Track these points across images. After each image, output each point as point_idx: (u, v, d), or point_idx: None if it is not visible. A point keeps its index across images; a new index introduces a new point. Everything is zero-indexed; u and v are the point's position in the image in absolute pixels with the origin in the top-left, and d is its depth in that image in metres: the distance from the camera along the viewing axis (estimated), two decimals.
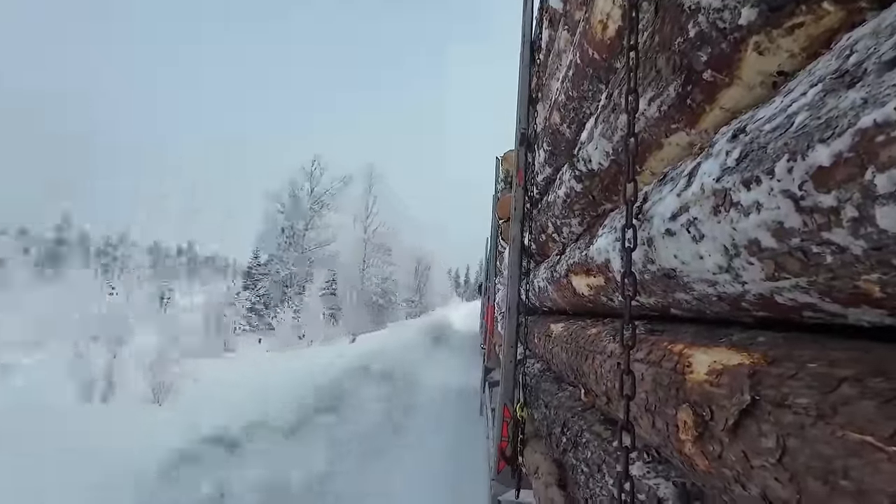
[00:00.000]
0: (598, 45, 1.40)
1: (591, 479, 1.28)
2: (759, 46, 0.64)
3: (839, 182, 0.42)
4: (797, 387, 0.51)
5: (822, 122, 0.45)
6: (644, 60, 0.91)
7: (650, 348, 0.95)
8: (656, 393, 0.85)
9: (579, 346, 1.60)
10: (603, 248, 1.26)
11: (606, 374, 1.26)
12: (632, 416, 0.80)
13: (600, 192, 1.50)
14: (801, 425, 0.49)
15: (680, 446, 0.76)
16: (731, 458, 0.61)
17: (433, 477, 4.24)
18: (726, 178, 0.61)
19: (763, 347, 0.63)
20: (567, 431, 1.64)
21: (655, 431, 0.87)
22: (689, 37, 0.76)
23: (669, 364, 0.83)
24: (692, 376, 0.74)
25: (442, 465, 4.54)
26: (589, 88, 1.59)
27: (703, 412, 0.68)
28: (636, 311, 1.15)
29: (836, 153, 0.42)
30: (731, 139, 0.64)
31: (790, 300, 0.58)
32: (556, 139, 2.13)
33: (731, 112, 0.76)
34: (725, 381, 0.65)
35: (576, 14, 1.83)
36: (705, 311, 0.86)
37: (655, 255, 0.87)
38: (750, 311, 0.71)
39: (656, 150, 1.01)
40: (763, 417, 0.55)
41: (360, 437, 5.40)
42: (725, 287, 0.70)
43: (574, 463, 1.48)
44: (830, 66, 0.48)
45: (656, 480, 0.95)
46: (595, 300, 1.56)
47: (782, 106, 0.55)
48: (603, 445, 1.29)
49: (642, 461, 1.03)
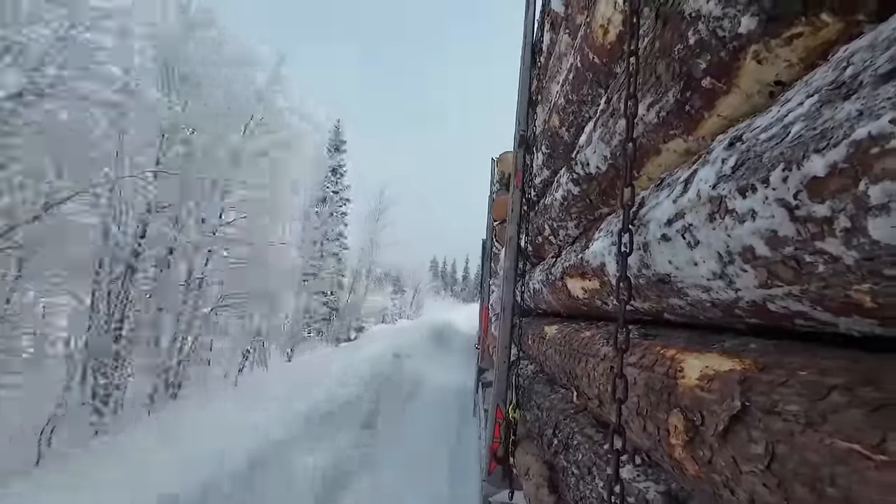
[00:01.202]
0: (598, 49, 1.41)
1: (582, 482, 1.29)
2: (757, 55, 0.65)
3: (833, 192, 0.42)
4: (787, 394, 0.52)
5: (817, 132, 0.45)
6: (644, 66, 0.92)
7: (643, 353, 0.95)
8: (648, 397, 0.86)
9: (573, 349, 1.60)
10: (599, 251, 1.27)
11: (599, 378, 1.27)
12: (623, 419, 0.81)
13: (597, 196, 1.50)
14: (790, 432, 0.50)
15: (670, 451, 0.77)
16: (721, 463, 0.62)
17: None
18: (722, 186, 0.61)
19: (754, 354, 0.64)
20: (559, 433, 1.64)
21: (646, 435, 0.88)
22: (689, 44, 0.76)
23: (662, 369, 0.84)
24: (684, 381, 0.75)
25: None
26: (589, 92, 1.60)
27: (694, 417, 0.69)
28: (630, 316, 1.16)
29: (831, 164, 0.42)
30: (728, 147, 0.64)
31: (782, 308, 0.59)
32: (554, 142, 2.13)
33: (729, 120, 0.77)
34: (716, 386, 0.65)
35: (577, 18, 1.83)
36: (698, 317, 0.86)
37: (651, 260, 0.87)
38: (742, 318, 0.72)
39: (654, 155, 1.02)
40: (753, 424, 0.56)
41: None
42: (719, 293, 0.70)
43: (565, 465, 1.48)
44: (827, 78, 0.49)
45: (646, 484, 0.95)
46: (590, 303, 1.57)
47: (779, 115, 0.55)
48: (594, 448, 1.30)
49: (633, 464, 1.03)
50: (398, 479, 4.70)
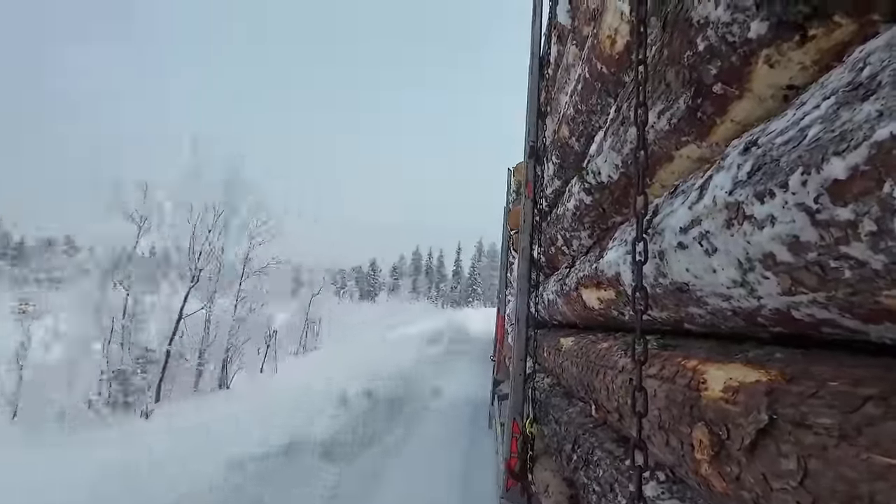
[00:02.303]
0: (606, 59, 1.41)
1: (604, 499, 1.24)
2: (769, 59, 0.64)
3: (856, 195, 0.41)
4: (818, 406, 0.50)
5: (836, 134, 0.44)
6: (653, 74, 0.92)
7: (663, 364, 0.93)
8: (670, 410, 0.83)
9: (590, 361, 1.57)
10: (613, 261, 1.25)
11: (618, 390, 1.24)
12: (645, 433, 0.78)
13: (610, 205, 1.49)
14: (823, 446, 0.47)
15: (696, 466, 0.74)
16: (750, 479, 0.59)
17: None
18: (739, 191, 0.60)
19: (780, 364, 0.62)
20: (578, 449, 1.60)
21: (669, 450, 0.85)
22: (699, 51, 0.76)
23: (683, 380, 0.81)
24: (707, 393, 0.72)
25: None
26: (598, 102, 1.60)
27: (720, 431, 0.66)
28: (648, 326, 1.13)
29: (853, 166, 0.41)
30: (743, 152, 0.63)
31: (808, 315, 0.57)
32: (565, 152, 2.13)
33: (743, 125, 0.76)
34: (742, 398, 0.63)
35: (584, 29, 1.85)
36: (719, 326, 0.84)
37: (667, 269, 0.85)
38: (766, 327, 0.69)
39: (667, 162, 1.01)
40: (782, 437, 0.53)
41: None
42: (740, 301, 0.68)
43: (585, 482, 1.44)
44: (843, 79, 0.48)
45: (671, 502, 0.92)
46: (606, 314, 1.54)
47: (795, 119, 0.54)
48: (615, 464, 1.26)
49: (656, 481, 1.00)
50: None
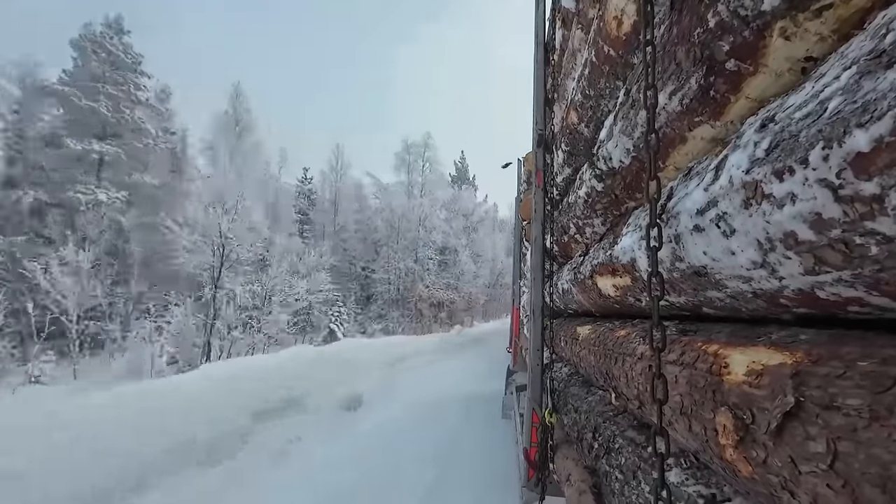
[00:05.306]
0: (613, 41, 1.38)
1: (627, 487, 1.24)
2: (784, 32, 0.62)
3: (881, 168, 0.39)
4: (846, 387, 0.48)
5: (858, 106, 0.42)
6: (662, 54, 0.89)
7: (683, 349, 0.92)
8: (692, 396, 0.82)
9: (607, 349, 1.56)
10: (628, 247, 1.23)
11: (637, 377, 1.22)
12: (666, 420, 0.78)
13: (622, 191, 1.46)
14: (853, 428, 0.46)
15: (720, 451, 0.73)
16: (777, 463, 0.58)
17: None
18: (756, 170, 0.58)
19: (806, 346, 0.60)
20: (599, 437, 1.59)
21: (692, 436, 0.84)
22: (709, 27, 0.74)
23: (704, 365, 0.80)
24: (730, 378, 0.71)
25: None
26: (606, 86, 1.57)
27: (744, 415, 0.65)
28: (666, 311, 1.12)
29: (877, 138, 0.39)
30: (760, 129, 0.61)
31: (833, 295, 0.55)
32: (574, 139, 2.10)
33: (758, 101, 0.73)
34: (766, 382, 0.62)
35: (589, 12, 1.81)
36: (740, 309, 0.82)
37: (684, 253, 0.84)
38: (789, 308, 0.68)
39: (680, 144, 0.98)
40: (810, 420, 0.52)
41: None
42: (761, 283, 0.67)
43: (607, 469, 1.44)
44: (865, 48, 0.46)
45: (696, 487, 0.91)
46: (622, 301, 1.52)
47: (814, 92, 0.52)
48: (637, 451, 1.25)
49: (680, 467, 0.99)
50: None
